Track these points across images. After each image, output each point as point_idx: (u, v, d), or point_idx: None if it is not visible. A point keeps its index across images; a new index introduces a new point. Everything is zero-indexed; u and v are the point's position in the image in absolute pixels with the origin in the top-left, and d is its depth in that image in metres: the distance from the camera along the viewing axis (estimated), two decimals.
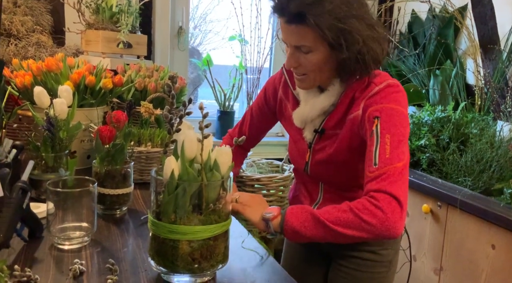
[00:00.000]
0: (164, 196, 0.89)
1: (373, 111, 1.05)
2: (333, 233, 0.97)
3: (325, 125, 1.17)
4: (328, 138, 1.17)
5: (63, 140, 1.33)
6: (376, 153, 1.00)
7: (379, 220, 0.94)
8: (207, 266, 0.90)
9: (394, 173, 0.98)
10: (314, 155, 1.20)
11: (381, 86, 1.08)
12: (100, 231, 1.13)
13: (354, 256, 1.24)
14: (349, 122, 1.11)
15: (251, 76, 2.84)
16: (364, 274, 1.24)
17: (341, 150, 1.13)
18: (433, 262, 1.86)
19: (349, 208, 0.98)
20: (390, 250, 1.25)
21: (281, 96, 1.30)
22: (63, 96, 1.39)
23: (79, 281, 0.88)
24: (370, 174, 1.00)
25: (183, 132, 0.91)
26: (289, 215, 1.02)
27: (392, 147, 1.00)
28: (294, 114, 1.21)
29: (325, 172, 1.19)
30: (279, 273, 0.99)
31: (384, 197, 0.96)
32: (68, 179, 1.13)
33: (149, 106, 1.68)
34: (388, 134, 1.01)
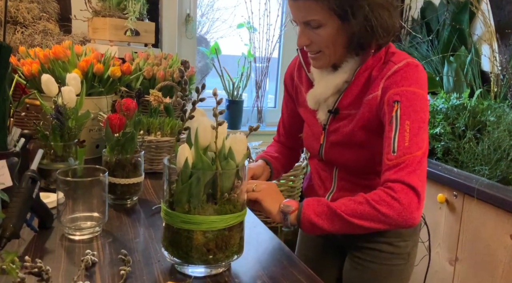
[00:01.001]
0: (178, 185, 0.86)
1: (393, 94, 1.02)
2: (350, 225, 0.98)
3: (339, 105, 1.13)
4: (342, 119, 1.14)
5: (72, 129, 1.31)
6: (395, 140, 0.98)
7: (396, 211, 0.95)
8: (222, 257, 0.87)
9: (413, 162, 0.97)
10: (329, 137, 1.17)
11: (401, 65, 1.04)
12: (111, 221, 1.11)
13: (370, 247, 1.21)
14: (366, 103, 1.08)
15: (260, 64, 2.81)
16: (381, 266, 1.21)
17: (358, 130, 1.10)
18: (448, 253, 1.83)
19: (365, 200, 0.97)
20: (408, 241, 1.22)
21: (296, 82, 1.28)
22: (71, 84, 1.37)
23: (92, 272, 0.87)
24: (388, 161, 0.99)
25: (196, 119, 0.88)
26: (305, 207, 1.01)
27: (411, 134, 0.98)
28: (308, 96, 1.18)
29: (340, 155, 1.16)
30: (296, 265, 0.97)
31: (401, 187, 0.95)
32: (78, 168, 1.11)
33: (158, 94, 1.65)
34: (408, 121, 0.99)
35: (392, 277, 1.21)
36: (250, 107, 2.86)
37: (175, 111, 1.80)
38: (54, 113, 1.27)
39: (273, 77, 3.00)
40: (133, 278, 0.85)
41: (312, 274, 0.93)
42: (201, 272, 0.88)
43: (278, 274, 0.92)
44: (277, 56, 2.98)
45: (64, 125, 1.28)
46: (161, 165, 1.54)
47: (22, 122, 1.47)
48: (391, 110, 1.01)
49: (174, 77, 1.87)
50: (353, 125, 1.11)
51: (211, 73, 2.97)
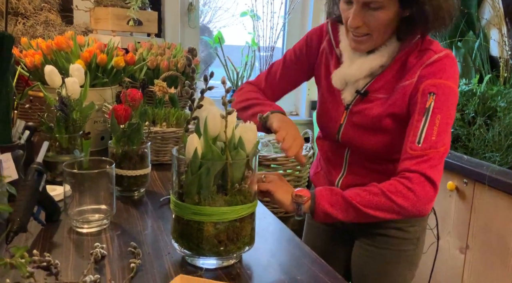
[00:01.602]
0: (187, 176, 0.85)
1: (430, 85, 1.01)
2: (363, 215, 0.99)
3: (369, 88, 1.11)
4: (369, 102, 1.11)
5: (76, 121, 1.30)
6: (423, 132, 0.98)
7: (411, 202, 0.97)
8: (234, 248, 0.86)
9: (436, 156, 0.98)
10: (351, 117, 1.14)
11: (441, 55, 1.03)
12: (119, 214, 1.10)
13: (380, 233, 1.21)
14: (401, 90, 1.06)
15: (264, 53, 2.78)
16: (391, 252, 1.21)
17: (386, 116, 1.08)
18: (459, 241, 1.82)
19: (381, 191, 0.98)
20: (417, 227, 1.22)
21: (325, 49, 1.23)
22: (74, 75, 1.36)
23: (101, 266, 0.85)
24: (411, 151, 0.99)
25: (205, 108, 0.86)
26: (319, 198, 1.01)
27: (440, 129, 0.99)
28: (334, 75, 1.15)
29: (359, 138, 1.13)
30: (308, 255, 0.96)
31: (420, 179, 0.96)
32: (84, 160, 1.09)
33: (163, 85, 1.63)
34: (439, 115, 0.99)
35: (402, 263, 1.21)
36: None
37: (180, 101, 1.78)
38: (59, 105, 1.25)
39: None
40: (144, 271, 0.84)
41: (325, 264, 0.92)
42: (212, 264, 0.87)
43: (290, 264, 0.91)
44: (281, 46, 2.94)
45: (69, 117, 1.27)
46: (167, 156, 1.52)
47: (26, 114, 1.45)
48: (425, 101, 1.00)
49: (178, 67, 1.85)
50: (382, 110, 1.09)
51: (214, 63, 2.94)
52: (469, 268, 1.77)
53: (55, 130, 1.26)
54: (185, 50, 1.96)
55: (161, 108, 1.59)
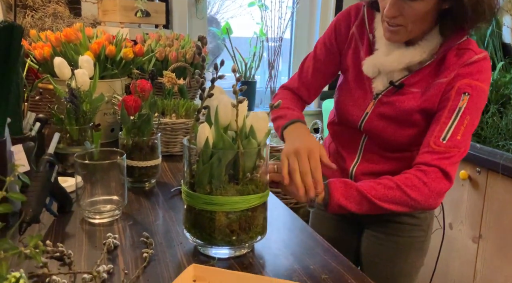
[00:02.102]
0: (199, 165, 0.84)
1: (466, 85, 1.00)
2: (378, 208, 0.99)
3: (405, 81, 1.09)
4: (402, 94, 1.09)
5: (86, 112, 1.30)
6: (451, 129, 0.99)
7: (424, 196, 0.98)
8: (246, 238, 0.86)
9: (457, 156, 0.99)
10: (379, 107, 1.12)
11: (481, 57, 1.03)
12: (131, 204, 1.10)
13: (391, 220, 1.21)
14: (437, 86, 1.04)
15: (272, 44, 2.76)
16: (403, 239, 1.21)
17: (418, 111, 1.07)
18: (471, 230, 1.80)
19: (397, 185, 0.99)
20: (427, 213, 1.23)
21: (355, 34, 1.18)
22: (84, 67, 1.36)
23: (114, 256, 0.86)
24: (435, 145, 0.99)
25: (216, 97, 0.85)
26: (333, 190, 1.00)
27: (466, 130, 1.00)
28: (367, 62, 1.12)
29: (383, 128, 1.12)
30: (321, 244, 0.95)
31: (436, 174, 0.98)
32: (94, 152, 1.09)
33: (172, 76, 1.63)
34: (469, 116, 1.00)
35: (413, 250, 1.22)
36: (263, 88, 2.83)
37: (189, 92, 1.78)
38: (69, 97, 1.26)
39: (285, 58, 2.95)
40: (156, 261, 0.84)
41: (338, 254, 0.91)
42: (224, 253, 0.87)
43: (303, 254, 0.90)
44: (289, 37, 2.93)
45: (79, 109, 1.27)
46: (177, 147, 1.52)
47: (37, 106, 1.46)
48: (458, 99, 1.00)
49: (186, 58, 1.84)
50: (415, 104, 1.07)
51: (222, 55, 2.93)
52: (482, 258, 1.76)
53: (65, 122, 1.27)
54: (194, 41, 1.95)
55: (170, 100, 1.59)
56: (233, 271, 0.78)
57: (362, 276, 0.83)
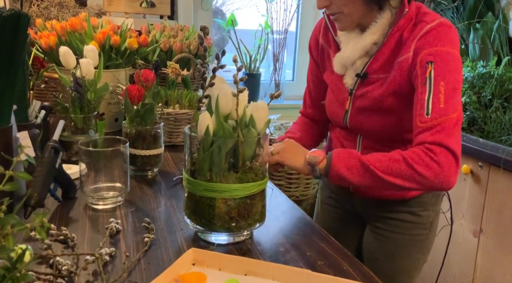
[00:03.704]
0: (199, 153, 0.87)
1: (427, 55, 0.99)
2: (381, 181, 0.97)
3: (368, 69, 1.11)
4: (371, 83, 1.11)
5: (91, 101, 1.33)
6: (429, 102, 0.96)
7: (434, 173, 0.93)
8: (245, 224, 0.89)
9: (450, 124, 0.95)
10: (355, 102, 1.15)
11: (433, 25, 1.01)
12: (133, 192, 1.13)
13: (392, 217, 1.21)
14: (397, 66, 1.05)
15: (278, 36, 2.78)
16: (403, 236, 1.21)
17: (388, 96, 1.08)
18: (472, 224, 1.82)
19: (403, 158, 0.96)
20: (430, 211, 1.21)
21: (322, 44, 1.24)
22: (89, 56, 1.39)
23: (116, 240, 0.89)
24: (421, 124, 0.96)
25: (217, 86, 0.88)
26: (335, 159, 1.00)
27: (446, 95, 0.96)
28: (335, 60, 1.16)
29: (366, 122, 1.14)
30: (318, 233, 0.98)
31: (441, 150, 0.93)
32: (98, 140, 1.12)
33: (176, 66, 1.66)
34: (442, 82, 0.96)
35: (414, 247, 1.22)
36: (268, 80, 2.84)
37: (192, 83, 1.80)
38: (73, 85, 1.29)
39: (291, 51, 2.96)
40: (157, 245, 0.87)
41: (335, 242, 0.94)
42: (224, 240, 0.90)
43: (300, 241, 0.93)
44: (294, 29, 2.94)
45: (84, 97, 1.30)
46: (180, 137, 1.55)
47: (42, 95, 1.49)
48: (424, 72, 0.98)
49: (191, 49, 1.87)
50: (383, 90, 1.08)
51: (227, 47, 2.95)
52: (483, 252, 1.78)
53: (70, 111, 1.30)
54: (198, 32, 1.98)
55: (174, 90, 1.62)
56: (231, 255, 0.81)
57: (356, 263, 0.85)
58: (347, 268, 0.83)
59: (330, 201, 1.37)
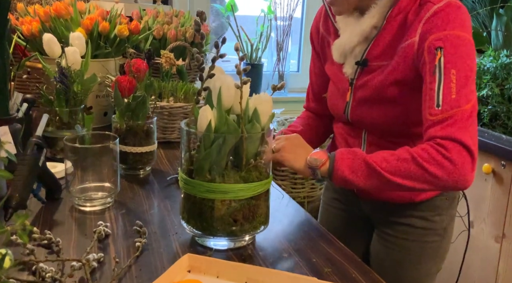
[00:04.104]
0: (200, 151, 0.87)
1: (435, 40, 0.97)
2: (389, 184, 0.96)
3: (368, 55, 1.10)
4: (372, 71, 1.10)
5: (77, 94, 1.33)
6: (440, 93, 0.95)
7: (447, 172, 0.92)
8: (249, 228, 0.89)
9: (463, 117, 0.93)
10: (356, 93, 1.14)
11: (441, 5, 0.99)
12: (124, 192, 1.13)
13: (402, 223, 1.20)
14: (401, 51, 1.03)
15: (281, 23, 2.77)
16: (414, 243, 1.20)
17: (390, 83, 1.06)
18: (494, 229, 1.82)
19: (411, 157, 0.94)
20: (444, 216, 1.20)
21: (323, 33, 1.24)
22: (75, 45, 1.38)
23: (105, 244, 0.89)
24: (432, 117, 0.95)
25: (218, 77, 0.87)
26: (339, 161, 0.99)
27: (458, 85, 0.94)
28: (333, 47, 1.15)
29: (367, 114, 1.13)
30: (325, 237, 0.98)
31: (453, 145, 0.92)
32: (86, 136, 1.12)
33: (170, 56, 1.65)
34: (453, 70, 0.95)
35: (426, 255, 1.21)
36: (271, 71, 2.84)
37: (188, 74, 1.80)
38: (58, 76, 1.28)
39: (295, 40, 2.96)
40: (150, 250, 0.87)
41: (343, 247, 0.94)
42: (223, 245, 0.90)
43: (305, 246, 0.93)
44: (300, 15, 2.93)
45: (69, 89, 1.30)
46: (174, 133, 1.55)
47: (24, 86, 1.48)
48: (433, 59, 0.97)
49: (186, 37, 1.86)
50: (383, 77, 1.07)
51: (226, 34, 2.94)
52: (505, 259, 1.78)
53: (55, 104, 1.29)
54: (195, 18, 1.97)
55: (168, 82, 1.62)
56: (230, 262, 0.81)
57: (367, 270, 0.85)
58: (357, 276, 0.83)
59: (334, 203, 1.37)
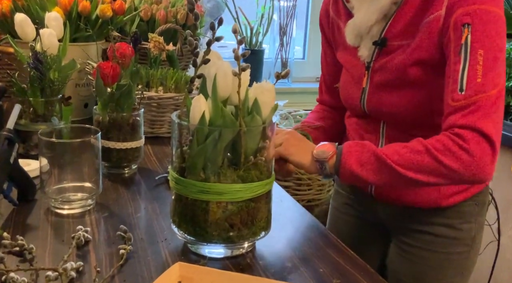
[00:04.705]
0: (192, 146, 0.86)
1: (462, 15, 0.97)
2: (401, 178, 0.97)
3: (387, 33, 1.09)
4: (391, 52, 1.10)
5: (54, 82, 1.33)
6: (464, 75, 0.95)
7: (463, 164, 0.94)
8: (248, 233, 0.88)
9: (487, 103, 0.94)
10: (374, 77, 1.13)
11: None
12: (107, 193, 1.13)
13: (424, 231, 1.19)
14: (425, 27, 1.03)
15: (285, 4, 2.76)
16: (438, 255, 1.19)
17: (412, 63, 1.06)
18: None
19: (425, 149, 0.96)
20: (473, 224, 1.20)
21: (333, 17, 1.25)
22: (51, 26, 1.38)
23: (85, 252, 0.89)
24: (454, 102, 0.96)
25: (214, 63, 0.87)
26: (346, 154, 1.00)
27: (485, 67, 0.95)
28: (347, 29, 1.15)
29: (387, 100, 1.12)
30: (334, 245, 0.98)
31: (472, 135, 0.93)
32: (63, 129, 1.12)
33: (159, 40, 1.65)
34: (481, 50, 0.95)
35: (452, 268, 1.20)
36: (273, 58, 2.84)
37: (180, 61, 1.79)
38: (32, 62, 1.28)
39: (301, 23, 2.95)
40: (135, 259, 0.87)
41: (354, 256, 0.94)
42: (219, 253, 0.90)
43: (311, 255, 0.93)
44: None
45: (45, 77, 1.29)
46: (164, 127, 1.55)
47: None
48: (459, 37, 0.97)
49: (178, 19, 1.85)
50: (405, 56, 1.07)
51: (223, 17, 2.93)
52: None
53: (28, 93, 1.29)
54: None
55: (157, 69, 1.61)
56: (226, 272, 0.81)
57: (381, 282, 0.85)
58: None
59: (346, 209, 1.36)
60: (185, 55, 1.81)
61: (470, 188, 1.16)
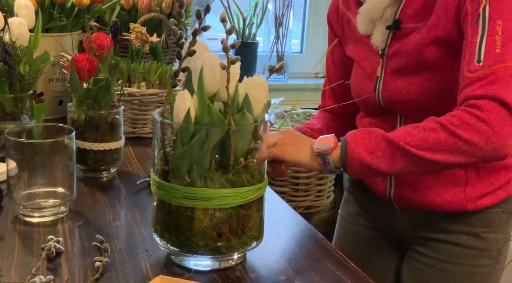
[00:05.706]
0: (176, 147, 0.86)
1: None
2: (418, 161, 0.98)
3: (401, 15, 1.12)
4: (406, 35, 1.12)
5: (24, 76, 1.32)
6: (482, 46, 0.98)
7: (484, 136, 0.95)
8: (238, 243, 0.88)
9: (506, 74, 0.96)
10: (388, 64, 1.15)
11: None
12: (82, 200, 1.13)
13: (446, 240, 1.20)
14: (441, 5, 1.06)
15: None
16: (460, 267, 1.19)
17: (429, 42, 1.08)
18: None
19: (440, 125, 0.97)
20: (500, 233, 1.20)
21: (342, 10, 1.27)
22: (21, 15, 1.38)
23: (56, 264, 0.88)
24: (470, 74, 0.98)
25: (200, 55, 0.87)
26: (353, 143, 1.01)
27: (504, 37, 0.97)
28: (358, 16, 1.17)
29: (404, 88, 1.13)
30: (333, 256, 0.98)
31: (490, 105, 0.95)
32: (34, 128, 1.12)
33: (142, 30, 1.65)
34: (500, 20, 0.98)
35: None
36: (267, 52, 2.85)
37: (165, 54, 1.79)
38: (0, 54, 1.27)
39: (298, 13, 2.96)
40: (113, 271, 0.87)
41: (356, 269, 0.94)
42: (206, 265, 0.89)
43: (308, 267, 0.93)
44: None
45: (14, 71, 1.29)
46: (146, 127, 1.55)
47: None
48: (476, 8, 1.00)
49: (162, 8, 1.86)
50: (420, 37, 1.09)
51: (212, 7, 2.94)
52: None
53: None
54: None
55: (139, 63, 1.61)
56: None
57: None
58: None
59: (358, 219, 1.37)
60: (170, 47, 1.82)
61: (497, 190, 1.17)
